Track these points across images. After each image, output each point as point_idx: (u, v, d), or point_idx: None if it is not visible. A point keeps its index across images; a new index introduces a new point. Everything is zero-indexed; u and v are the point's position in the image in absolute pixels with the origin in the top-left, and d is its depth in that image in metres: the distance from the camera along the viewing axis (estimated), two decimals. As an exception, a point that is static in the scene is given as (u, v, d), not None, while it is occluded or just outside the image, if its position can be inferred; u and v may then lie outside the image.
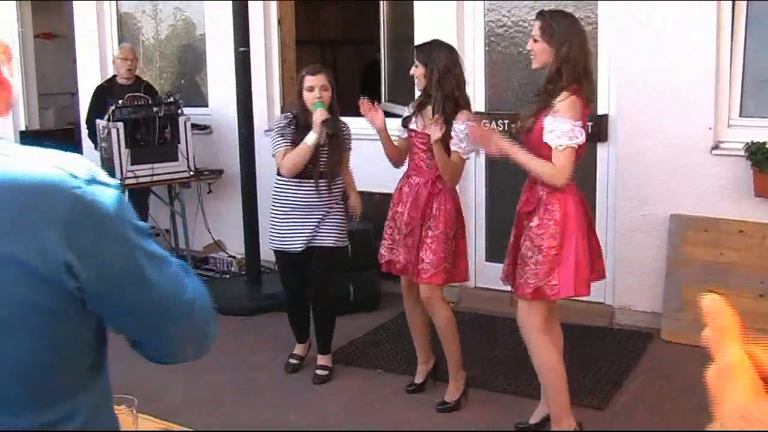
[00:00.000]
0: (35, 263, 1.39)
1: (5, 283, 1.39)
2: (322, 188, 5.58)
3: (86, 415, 1.54)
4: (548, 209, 4.46)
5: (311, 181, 5.56)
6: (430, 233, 5.11)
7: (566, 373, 4.73)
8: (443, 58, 5.09)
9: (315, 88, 5.48)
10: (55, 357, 1.47)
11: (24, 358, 1.42)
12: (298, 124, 5.57)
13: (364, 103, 5.35)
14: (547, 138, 4.37)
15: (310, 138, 5.43)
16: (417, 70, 5.14)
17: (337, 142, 5.57)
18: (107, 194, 1.50)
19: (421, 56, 5.13)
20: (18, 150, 1.48)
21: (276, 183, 5.74)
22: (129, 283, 1.54)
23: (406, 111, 5.44)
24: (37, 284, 1.40)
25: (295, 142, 5.50)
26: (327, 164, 5.56)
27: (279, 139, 5.56)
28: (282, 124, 5.62)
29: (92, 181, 1.48)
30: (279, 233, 5.71)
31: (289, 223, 5.65)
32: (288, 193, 5.65)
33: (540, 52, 4.51)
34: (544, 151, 4.43)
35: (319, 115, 5.41)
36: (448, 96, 5.05)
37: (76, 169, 1.47)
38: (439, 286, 5.22)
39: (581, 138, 4.38)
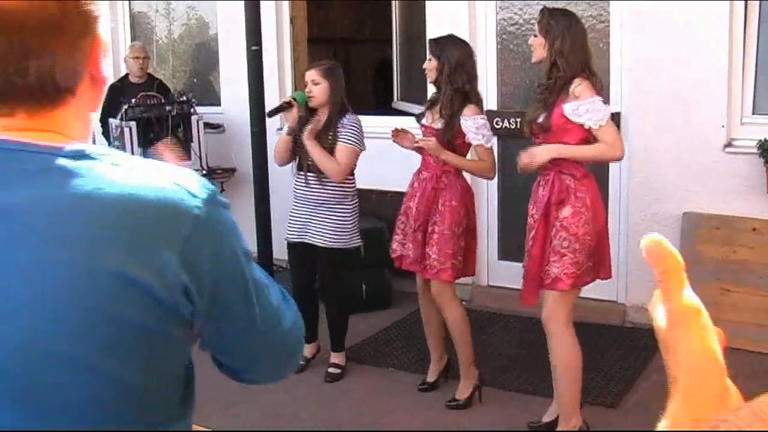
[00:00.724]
0: (152, 284, 1.31)
1: (117, 302, 1.30)
2: (311, 181, 5.65)
3: None
4: (578, 197, 4.50)
5: (300, 173, 5.74)
6: (436, 229, 5.13)
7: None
8: (456, 53, 5.12)
9: (308, 82, 5.64)
10: (159, 382, 1.41)
11: (130, 379, 1.35)
12: (305, 119, 5.68)
13: (394, 132, 5.42)
14: (583, 120, 4.41)
15: (285, 128, 5.76)
16: (429, 64, 5.17)
17: (326, 135, 5.59)
18: (224, 216, 1.45)
19: (434, 50, 5.16)
20: (128, 160, 1.40)
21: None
22: (238, 308, 1.48)
23: (420, 109, 5.48)
24: (151, 305, 1.32)
25: (294, 132, 5.70)
26: (306, 157, 5.66)
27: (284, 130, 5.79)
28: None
29: (210, 200, 1.41)
30: (288, 223, 5.87)
31: (292, 213, 5.82)
32: (294, 185, 5.85)
33: (537, 46, 4.62)
34: (568, 139, 4.49)
35: (286, 98, 5.74)
36: (458, 90, 5.07)
37: (195, 187, 1.40)
38: (449, 283, 5.22)
39: (609, 108, 4.52)
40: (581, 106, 4.40)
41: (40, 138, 1.35)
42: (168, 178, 1.39)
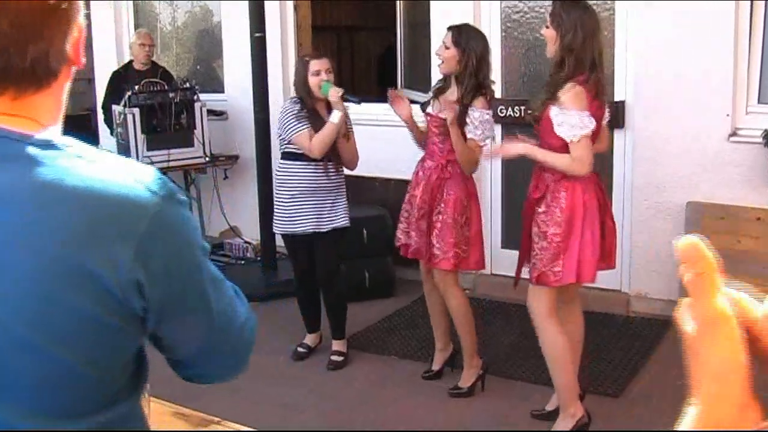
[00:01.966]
0: (107, 277, 1.35)
1: (73, 292, 1.35)
2: (331, 171, 5.62)
3: (120, 420, 1.52)
4: (555, 197, 4.47)
5: (320, 163, 5.58)
6: (440, 218, 5.12)
7: (581, 361, 4.75)
8: (480, 45, 5.09)
9: (321, 71, 5.51)
10: (104, 370, 1.44)
11: (75, 367, 1.39)
12: (307, 109, 5.58)
13: (391, 93, 5.33)
14: (559, 131, 4.38)
15: (336, 116, 5.46)
16: (448, 52, 5.08)
17: (344, 125, 5.61)
18: (182, 213, 1.48)
19: (457, 39, 5.06)
20: (91, 153, 1.43)
21: (281, 166, 5.78)
22: (191, 305, 1.52)
23: (425, 97, 5.45)
24: (103, 298, 1.36)
25: (313, 125, 5.51)
26: (335, 148, 5.58)
27: (297, 123, 5.53)
28: (295, 110, 5.58)
29: (168, 197, 1.44)
30: (286, 216, 5.74)
31: (297, 206, 5.67)
32: (295, 176, 5.67)
33: (549, 39, 4.53)
34: (553, 141, 4.44)
35: (334, 92, 5.44)
36: (480, 84, 5.06)
37: (153, 183, 1.43)
38: (452, 272, 5.22)
39: (592, 125, 4.38)
40: (560, 115, 4.37)
41: (18, 124, 1.39)
42: (128, 173, 1.42)
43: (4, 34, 1.34)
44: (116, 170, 1.42)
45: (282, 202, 5.74)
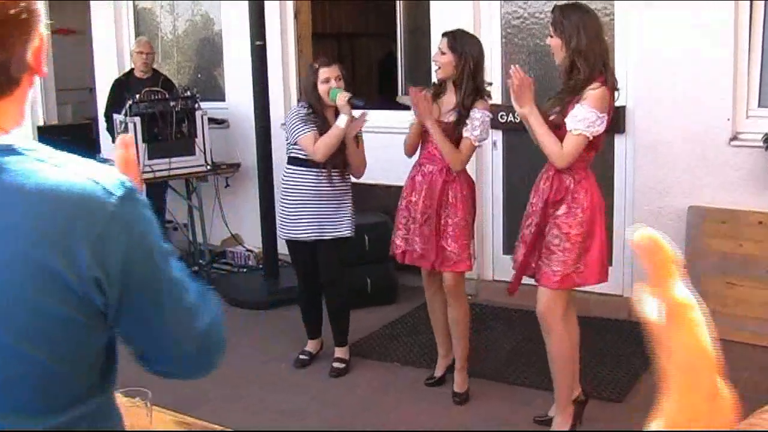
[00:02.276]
0: (67, 275, 1.40)
1: (38, 292, 1.40)
2: (335, 178, 5.60)
3: (91, 417, 1.55)
4: (576, 198, 4.48)
5: (324, 170, 5.57)
6: (450, 221, 5.11)
7: (583, 365, 4.75)
8: (476, 50, 5.11)
9: (331, 78, 5.51)
10: (72, 366, 1.49)
11: (43, 364, 1.43)
12: (316, 115, 5.57)
13: (414, 91, 5.19)
14: (567, 119, 4.38)
15: (342, 120, 5.45)
16: (444, 57, 5.08)
17: (350, 132, 5.57)
18: (140, 213, 1.51)
19: (452, 44, 5.07)
20: (52, 155, 1.48)
21: (286, 171, 5.76)
22: (148, 304, 1.55)
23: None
24: (66, 295, 1.41)
25: (320, 130, 5.50)
26: (339, 154, 5.56)
27: (303, 126, 5.52)
28: (302, 113, 5.57)
29: (126, 198, 1.48)
30: (289, 222, 5.73)
31: (299, 212, 5.67)
32: (299, 181, 5.67)
33: (555, 48, 4.52)
34: (560, 131, 4.46)
35: (342, 97, 5.43)
36: (477, 87, 5.06)
37: (112, 184, 1.48)
38: (463, 276, 5.22)
39: (599, 129, 4.39)
40: (578, 109, 4.36)
41: None
42: (87, 175, 1.47)
43: None
44: (76, 173, 1.46)
45: (286, 207, 5.74)
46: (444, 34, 5.18)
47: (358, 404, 5.35)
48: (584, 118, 4.35)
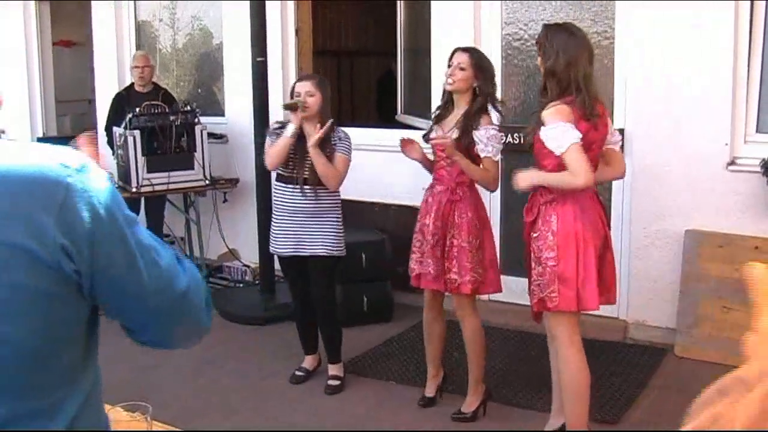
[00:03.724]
0: (33, 247, 1.45)
1: (8, 269, 1.44)
2: (308, 193, 5.61)
3: (77, 405, 1.58)
4: (546, 220, 4.47)
5: (296, 185, 5.62)
6: (454, 242, 5.11)
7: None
8: (492, 69, 5.23)
9: (301, 93, 5.56)
10: (53, 342, 1.52)
11: (25, 342, 1.47)
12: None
13: (402, 141, 5.33)
14: (550, 146, 4.38)
15: (289, 129, 5.55)
16: (463, 73, 5.10)
17: (323, 148, 5.56)
18: (98, 183, 1.57)
19: (474, 61, 5.13)
20: (9, 145, 1.55)
21: (273, 187, 5.88)
22: (121, 269, 1.59)
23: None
24: (37, 267, 1.46)
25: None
26: (311, 169, 5.57)
27: (269, 138, 5.71)
28: (274, 127, 5.76)
29: (82, 170, 1.55)
30: (273, 236, 5.82)
31: (279, 226, 5.75)
32: (279, 196, 5.76)
33: (540, 64, 4.56)
34: (546, 162, 4.47)
35: (286, 105, 5.61)
36: (485, 105, 5.15)
37: (68, 159, 1.55)
38: (469, 297, 5.21)
39: (575, 133, 4.33)
40: (546, 131, 4.37)
41: None
42: (43, 154, 1.55)
43: None
44: (31, 153, 1.55)
45: (272, 222, 5.85)
46: (463, 50, 5.20)
47: (354, 422, 5.35)
48: (554, 136, 4.35)
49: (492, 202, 7.09)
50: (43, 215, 1.47)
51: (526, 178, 4.55)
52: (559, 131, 4.33)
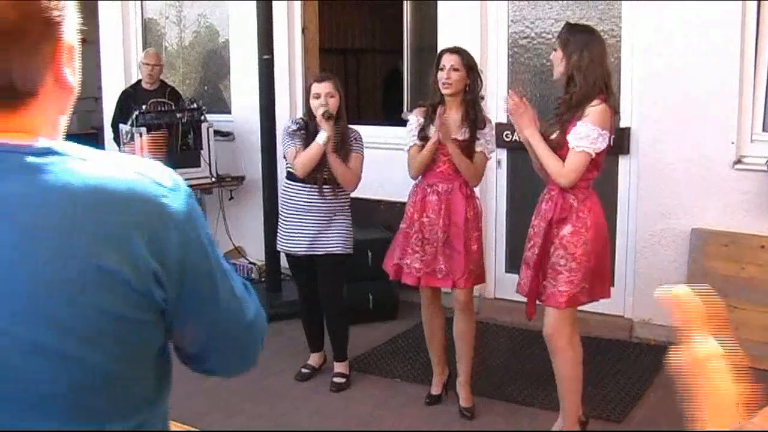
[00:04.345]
0: (125, 273, 1.36)
1: (96, 293, 1.34)
2: (327, 193, 5.62)
3: (152, 425, 1.52)
4: (580, 217, 4.50)
5: (316, 185, 5.61)
6: (472, 236, 5.17)
7: (584, 385, 4.76)
8: (477, 65, 5.27)
9: (321, 95, 5.54)
10: (137, 366, 1.45)
11: (101, 365, 1.38)
12: (308, 130, 5.61)
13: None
14: (569, 137, 4.40)
15: (321, 136, 5.49)
16: (457, 74, 5.15)
17: (341, 149, 5.58)
18: (189, 204, 1.49)
19: (466, 62, 5.17)
20: (95, 154, 1.43)
21: (284, 185, 5.84)
22: (203, 295, 1.53)
23: (412, 120, 5.39)
24: (124, 293, 1.36)
25: (305, 145, 5.56)
26: (329, 169, 5.58)
27: (289, 140, 5.63)
28: (293, 128, 5.67)
29: (175, 189, 1.46)
30: (283, 235, 5.81)
31: (293, 226, 5.73)
32: (294, 196, 5.73)
33: (557, 61, 4.58)
34: (563, 150, 4.51)
35: (320, 113, 5.49)
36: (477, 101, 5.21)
37: (160, 176, 1.45)
38: (468, 291, 5.25)
39: (601, 145, 4.42)
40: (580, 127, 4.40)
41: (10, 138, 1.38)
42: (134, 169, 1.44)
43: None
44: (122, 168, 1.43)
45: (282, 220, 5.83)
46: (451, 51, 5.21)
47: (359, 419, 5.35)
48: (586, 135, 4.39)
49: (498, 200, 7.11)
50: (135, 238, 1.37)
51: (524, 122, 4.59)
52: (594, 134, 4.39)
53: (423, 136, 5.28)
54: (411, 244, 5.30)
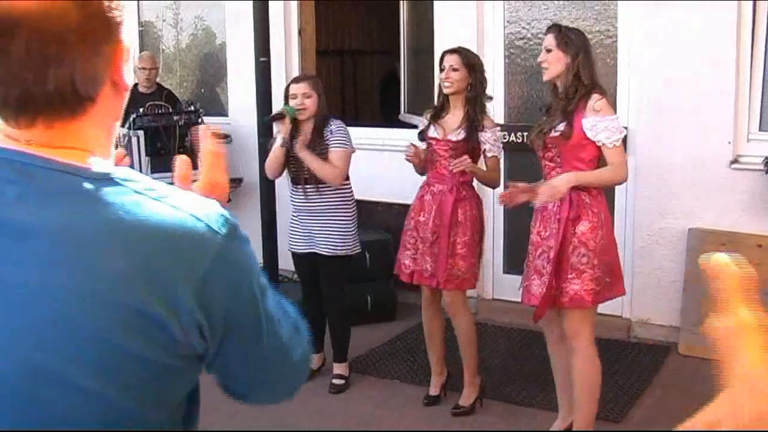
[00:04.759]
0: (167, 320, 1.29)
1: (134, 337, 1.28)
2: (310, 193, 5.66)
3: None
4: (594, 212, 4.50)
5: (299, 186, 5.72)
6: (459, 240, 5.15)
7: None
8: (482, 66, 5.29)
9: (297, 95, 5.60)
10: (162, 408, 1.39)
11: (138, 411, 1.33)
12: (293, 132, 5.67)
13: (413, 147, 5.32)
14: (600, 137, 4.42)
15: (278, 140, 5.64)
16: (457, 74, 5.16)
17: (318, 146, 5.60)
18: (243, 252, 1.42)
19: (465, 61, 5.18)
20: (150, 186, 1.36)
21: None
22: (248, 344, 1.46)
23: (421, 124, 5.47)
24: (166, 342, 1.30)
25: (284, 145, 5.66)
26: (303, 171, 5.63)
27: (272, 142, 5.78)
28: (276, 130, 5.82)
29: (230, 236, 1.38)
30: (289, 234, 5.91)
31: (292, 225, 5.86)
32: (291, 196, 5.86)
33: (554, 61, 4.55)
34: (584, 154, 4.49)
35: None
36: (482, 102, 5.20)
37: (216, 221, 1.37)
38: (463, 294, 5.25)
39: (624, 132, 4.55)
40: (600, 123, 4.40)
41: (64, 155, 1.32)
42: (190, 210, 1.36)
43: (19, 60, 1.26)
44: (178, 207, 1.35)
45: (290, 221, 5.93)
46: (451, 52, 5.22)
47: (358, 420, 5.36)
48: (615, 128, 4.44)
49: (495, 201, 7.09)
50: (183, 287, 1.30)
51: (563, 183, 4.46)
52: (615, 124, 4.45)
53: (423, 138, 5.38)
54: (406, 241, 5.37)
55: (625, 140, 6.27)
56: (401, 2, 8.35)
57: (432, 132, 5.28)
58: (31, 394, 1.27)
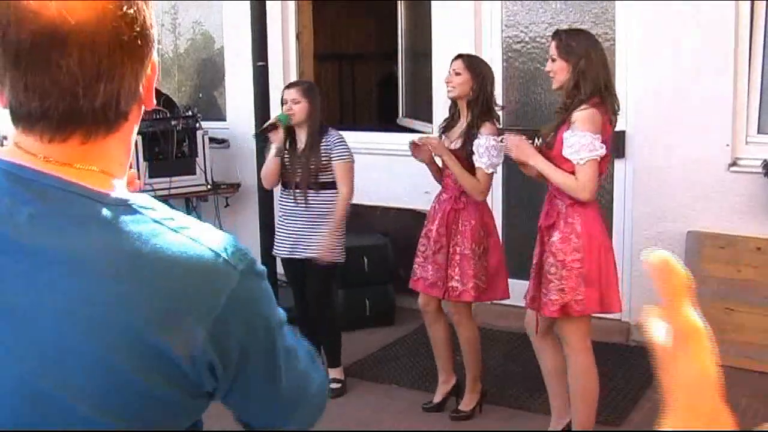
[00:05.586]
0: (179, 358, 1.26)
1: (143, 373, 1.25)
2: (299, 198, 5.65)
3: None
4: (569, 222, 4.43)
5: (289, 190, 5.72)
6: (457, 250, 5.12)
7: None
8: (490, 72, 5.24)
9: (288, 101, 5.65)
10: None
11: None
12: (287, 139, 5.73)
13: (412, 144, 5.33)
14: (567, 153, 4.36)
15: (272, 150, 5.69)
16: (460, 78, 5.12)
17: (312, 153, 5.59)
18: (259, 288, 1.39)
19: (469, 65, 5.14)
20: (167, 216, 1.35)
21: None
22: (262, 380, 1.44)
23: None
24: (176, 378, 1.28)
25: (279, 151, 5.71)
26: (302, 175, 5.60)
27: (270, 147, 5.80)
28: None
29: (247, 272, 1.36)
30: (276, 238, 5.91)
31: (278, 229, 5.88)
32: (280, 200, 5.89)
33: (558, 71, 4.51)
34: (565, 165, 4.42)
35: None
36: (490, 109, 5.15)
37: (234, 256, 1.35)
38: (468, 304, 5.23)
39: (602, 150, 4.36)
40: (572, 137, 4.35)
41: (85, 177, 1.30)
42: (208, 243, 1.34)
43: (70, 73, 1.24)
44: (195, 240, 1.32)
45: (277, 226, 5.95)
46: (456, 57, 5.21)
47: (355, 425, 5.34)
48: (582, 144, 4.32)
49: (493, 205, 7.08)
50: (196, 324, 1.27)
51: (526, 153, 4.53)
52: (586, 140, 4.31)
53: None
54: (418, 249, 5.36)
55: (622, 145, 6.32)
56: (399, 5, 8.34)
57: (444, 142, 5.27)
58: (31, 417, 1.25)
